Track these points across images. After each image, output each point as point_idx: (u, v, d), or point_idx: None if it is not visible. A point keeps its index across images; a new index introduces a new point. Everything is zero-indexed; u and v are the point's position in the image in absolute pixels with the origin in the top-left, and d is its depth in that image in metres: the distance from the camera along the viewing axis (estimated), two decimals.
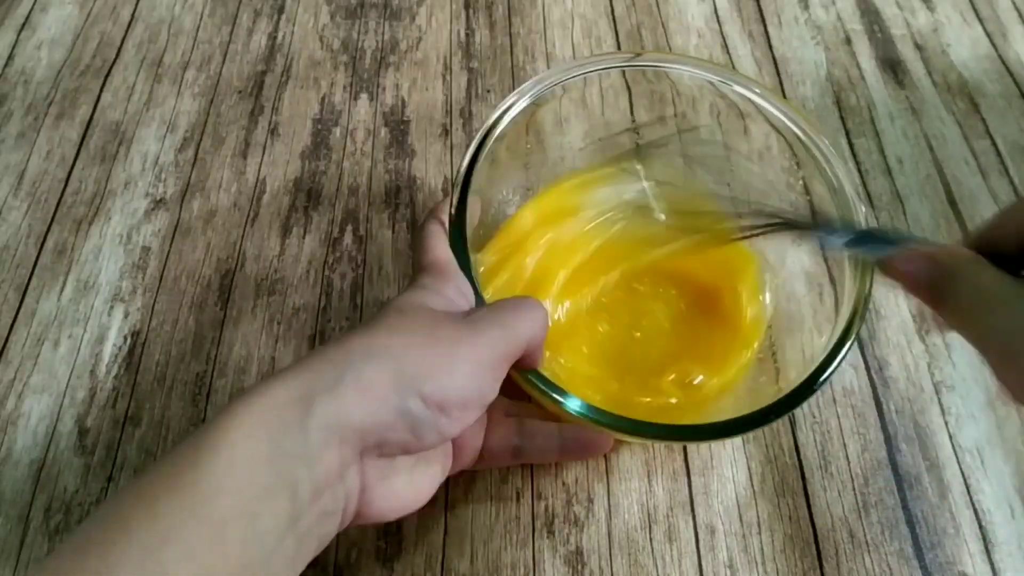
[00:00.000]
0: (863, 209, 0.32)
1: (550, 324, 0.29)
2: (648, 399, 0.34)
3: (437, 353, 0.24)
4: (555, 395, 0.28)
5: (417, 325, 0.25)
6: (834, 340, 0.29)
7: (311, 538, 0.22)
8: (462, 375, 0.24)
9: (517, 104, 0.34)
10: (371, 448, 0.23)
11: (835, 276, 0.35)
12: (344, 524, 0.24)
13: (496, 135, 0.33)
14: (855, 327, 0.29)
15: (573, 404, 0.28)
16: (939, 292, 0.23)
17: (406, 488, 0.26)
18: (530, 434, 0.31)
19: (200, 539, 0.19)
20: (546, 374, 0.29)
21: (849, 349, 0.29)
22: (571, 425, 0.31)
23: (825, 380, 0.28)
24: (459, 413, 0.24)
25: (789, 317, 0.36)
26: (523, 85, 0.34)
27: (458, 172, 0.32)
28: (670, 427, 0.28)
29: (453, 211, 0.31)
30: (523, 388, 0.29)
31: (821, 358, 0.29)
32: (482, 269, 0.34)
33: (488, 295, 0.33)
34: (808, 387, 0.28)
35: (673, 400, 0.34)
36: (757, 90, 0.35)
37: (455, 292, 0.28)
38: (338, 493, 0.22)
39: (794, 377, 0.34)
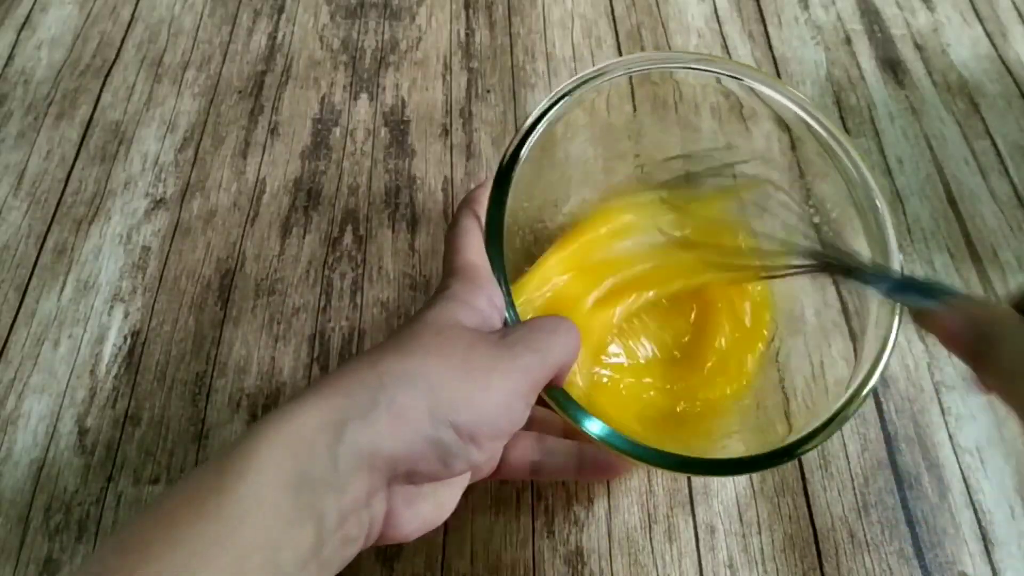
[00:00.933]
0: (883, 205, 0.32)
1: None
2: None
3: (472, 380, 0.23)
4: (576, 416, 0.27)
5: (452, 347, 0.24)
6: (859, 379, 0.28)
7: (333, 563, 0.22)
8: (496, 405, 0.23)
9: (574, 92, 0.32)
10: (400, 476, 0.22)
11: (837, 278, 0.35)
12: (367, 545, 0.23)
13: (548, 119, 0.31)
14: (880, 365, 0.28)
15: (593, 427, 0.27)
16: (979, 355, 0.22)
17: (431, 510, 0.25)
18: (550, 451, 0.31)
19: (222, 569, 0.19)
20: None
21: (874, 386, 0.28)
22: (590, 444, 0.31)
23: (853, 412, 0.28)
24: (489, 443, 0.24)
25: (791, 319, 0.36)
26: (580, 74, 0.33)
27: (501, 163, 0.30)
28: (695, 461, 0.27)
29: (490, 206, 0.29)
30: (546, 401, 0.28)
31: (847, 394, 0.28)
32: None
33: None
34: (834, 420, 0.28)
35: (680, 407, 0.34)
36: (781, 89, 0.34)
37: (487, 303, 0.27)
38: (363, 519, 0.22)
39: (802, 386, 0.33)
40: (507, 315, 0.28)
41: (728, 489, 0.35)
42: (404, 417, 0.22)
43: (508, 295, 0.28)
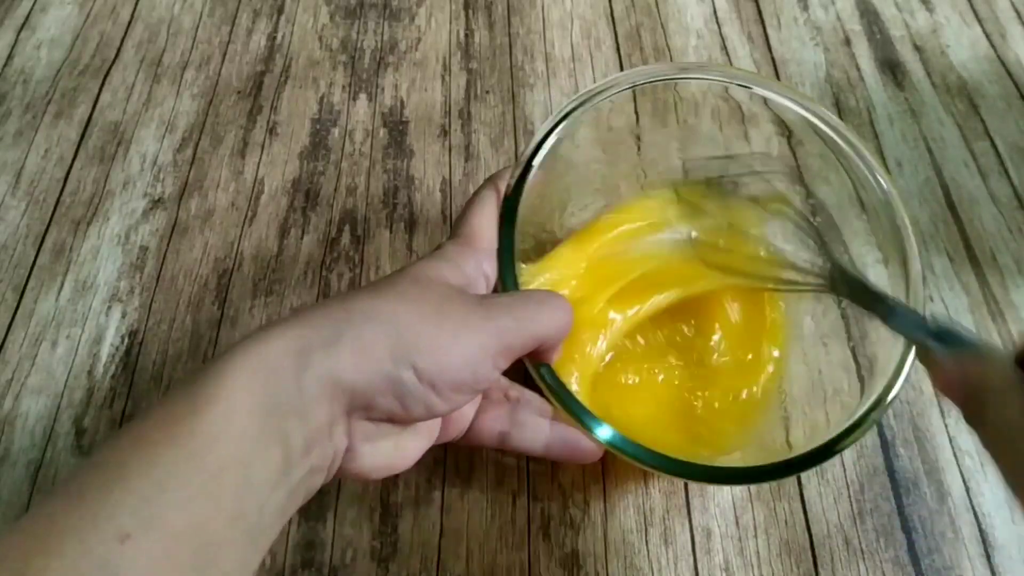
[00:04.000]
0: (899, 203, 0.32)
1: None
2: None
3: (440, 330, 0.24)
4: (554, 398, 0.27)
5: (427, 297, 0.24)
6: (866, 406, 0.28)
7: (300, 491, 0.22)
8: (460, 357, 0.24)
9: (580, 107, 0.32)
10: (359, 410, 0.23)
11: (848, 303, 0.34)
12: (328, 478, 0.24)
13: (579, 112, 0.32)
14: (891, 394, 0.28)
15: (571, 403, 0.27)
16: (970, 416, 0.22)
17: (391, 452, 0.26)
18: (520, 424, 0.31)
19: (196, 488, 0.19)
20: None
21: (882, 414, 0.28)
22: (561, 425, 0.31)
23: (850, 443, 0.28)
24: (450, 394, 0.24)
25: (795, 331, 0.36)
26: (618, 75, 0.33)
27: (532, 139, 0.31)
28: (679, 462, 0.27)
29: (512, 182, 0.30)
30: (534, 380, 0.28)
31: (847, 423, 0.28)
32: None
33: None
34: (832, 447, 0.28)
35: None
36: (796, 98, 0.34)
37: (475, 268, 0.27)
38: (327, 450, 0.23)
39: (803, 413, 0.33)
40: (505, 283, 0.28)
41: (724, 493, 0.35)
42: (366, 352, 0.22)
43: (502, 265, 0.28)
